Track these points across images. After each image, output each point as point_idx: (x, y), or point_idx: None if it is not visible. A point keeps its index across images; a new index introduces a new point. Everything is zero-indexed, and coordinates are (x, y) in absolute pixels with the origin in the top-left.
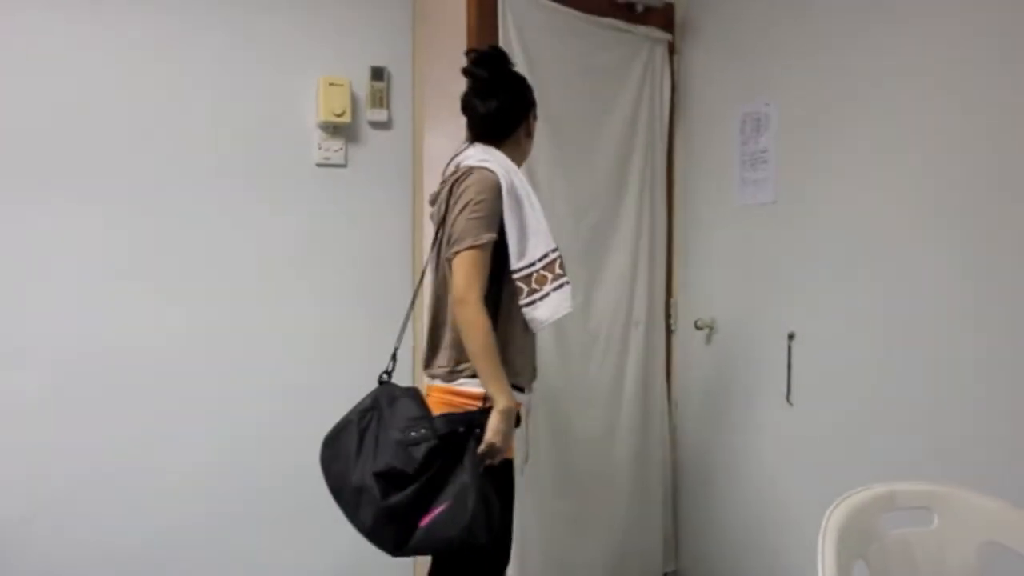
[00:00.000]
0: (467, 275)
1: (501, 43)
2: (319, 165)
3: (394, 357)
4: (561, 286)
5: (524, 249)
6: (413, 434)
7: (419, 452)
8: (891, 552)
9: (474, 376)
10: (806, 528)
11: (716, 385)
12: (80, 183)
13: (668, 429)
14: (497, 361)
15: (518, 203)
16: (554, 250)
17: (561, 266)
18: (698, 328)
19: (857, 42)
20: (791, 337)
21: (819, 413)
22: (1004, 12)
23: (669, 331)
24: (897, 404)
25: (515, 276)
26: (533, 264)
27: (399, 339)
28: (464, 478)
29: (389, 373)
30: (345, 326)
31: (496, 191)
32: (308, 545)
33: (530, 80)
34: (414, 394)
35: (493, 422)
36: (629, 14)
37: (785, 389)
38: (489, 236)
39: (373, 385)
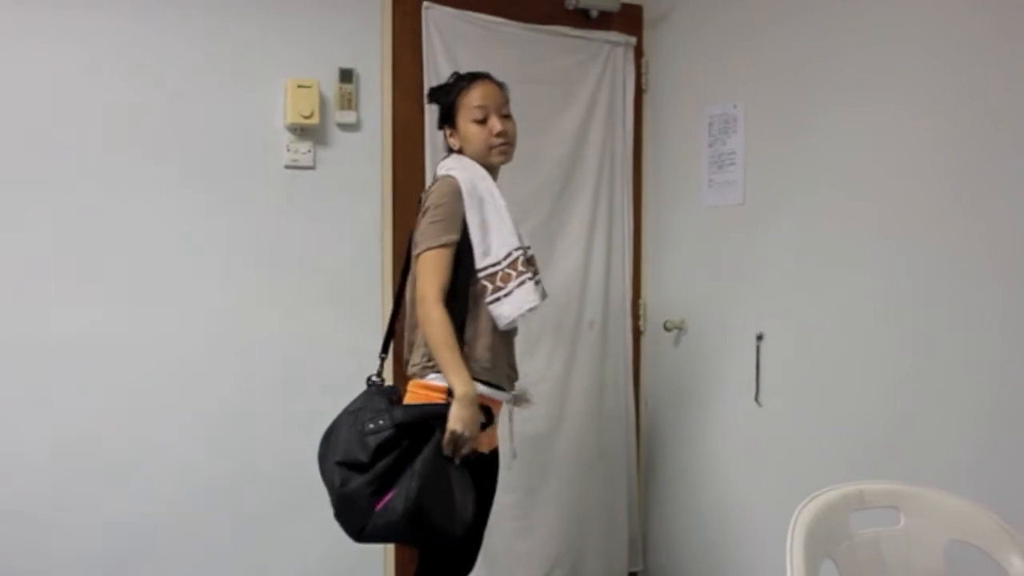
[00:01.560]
0: (426, 275)
1: (425, 59)
2: (287, 167)
3: (381, 360)
4: (523, 283)
5: (488, 248)
6: (371, 425)
7: (373, 441)
8: (859, 551)
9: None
10: (775, 527)
11: (686, 386)
12: (49, 185)
13: (636, 429)
14: (454, 352)
15: (480, 204)
16: (518, 248)
17: (525, 263)
18: (667, 329)
19: (825, 45)
20: (760, 338)
21: (788, 413)
22: (976, 18)
23: (638, 332)
24: (865, 404)
25: (480, 274)
26: (499, 263)
27: (383, 343)
28: (416, 465)
29: (380, 375)
30: (313, 327)
31: (455, 194)
32: (281, 546)
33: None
34: (388, 390)
35: (454, 410)
36: (583, 20)
37: (754, 390)
38: (448, 237)
39: (340, 386)
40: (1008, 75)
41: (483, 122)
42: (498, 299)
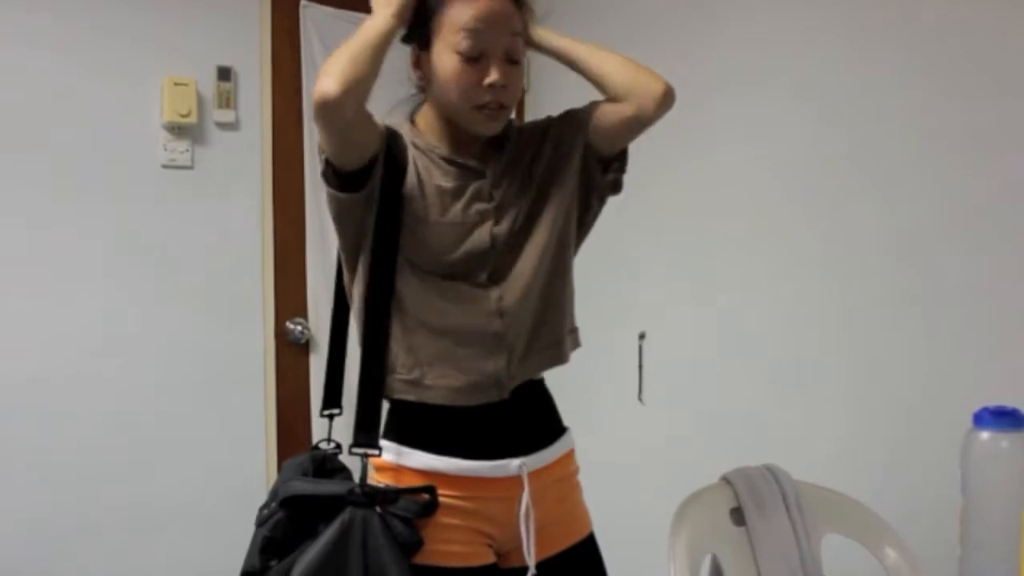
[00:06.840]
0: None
1: (304, 57)
2: (164, 167)
3: (329, 419)
4: None
5: None
6: (265, 511)
7: (260, 535)
8: (740, 546)
9: (388, 436)
10: (660, 523)
11: (568, 385)
12: None
13: None
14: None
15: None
16: None
17: None
18: None
19: (691, 39)
20: (642, 336)
21: (670, 411)
22: (826, 28)
23: None
24: (747, 401)
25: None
26: None
27: (327, 395)
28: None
29: (331, 440)
30: (190, 328)
31: None
32: (163, 550)
33: None
34: (324, 461)
35: None
36: None
37: (637, 388)
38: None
39: (213, 387)
40: (855, 75)
41: (474, 60)
42: None
